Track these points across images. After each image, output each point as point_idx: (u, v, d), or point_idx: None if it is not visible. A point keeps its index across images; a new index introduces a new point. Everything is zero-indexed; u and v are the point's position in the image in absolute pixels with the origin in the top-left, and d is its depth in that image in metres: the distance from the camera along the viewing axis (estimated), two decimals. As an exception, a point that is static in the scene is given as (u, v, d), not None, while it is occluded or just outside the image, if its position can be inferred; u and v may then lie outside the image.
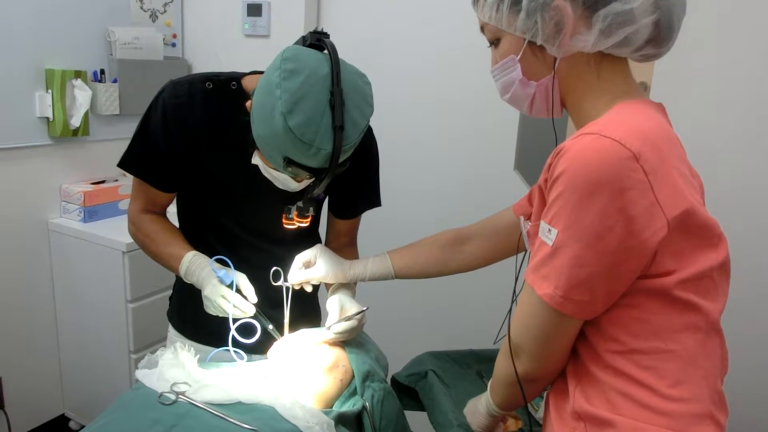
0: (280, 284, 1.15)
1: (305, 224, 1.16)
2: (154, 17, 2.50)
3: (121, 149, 1.19)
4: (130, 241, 2.02)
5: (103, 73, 2.28)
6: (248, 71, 1.18)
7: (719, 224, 0.78)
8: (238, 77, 1.16)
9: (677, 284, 0.74)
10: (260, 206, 1.21)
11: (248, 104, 1.02)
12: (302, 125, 0.90)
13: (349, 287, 1.24)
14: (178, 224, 1.30)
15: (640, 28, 0.77)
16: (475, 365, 1.36)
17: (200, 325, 1.27)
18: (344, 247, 1.35)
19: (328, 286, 1.26)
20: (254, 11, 2.35)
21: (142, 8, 2.45)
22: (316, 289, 1.25)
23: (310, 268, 1.18)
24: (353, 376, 1.12)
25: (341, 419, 1.01)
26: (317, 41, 0.99)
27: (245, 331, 1.11)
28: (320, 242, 1.34)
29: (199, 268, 1.14)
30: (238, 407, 0.98)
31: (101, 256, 2.13)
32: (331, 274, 1.18)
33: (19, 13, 2.02)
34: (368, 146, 1.24)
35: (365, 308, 1.15)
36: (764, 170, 1.63)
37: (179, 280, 1.29)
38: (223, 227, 1.24)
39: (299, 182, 1.06)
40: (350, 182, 1.23)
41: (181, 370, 1.06)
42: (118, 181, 2.39)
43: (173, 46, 2.56)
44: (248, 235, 1.24)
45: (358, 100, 0.96)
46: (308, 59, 0.94)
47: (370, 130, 1.23)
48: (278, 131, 0.91)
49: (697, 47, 1.60)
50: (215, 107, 1.13)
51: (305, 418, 0.95)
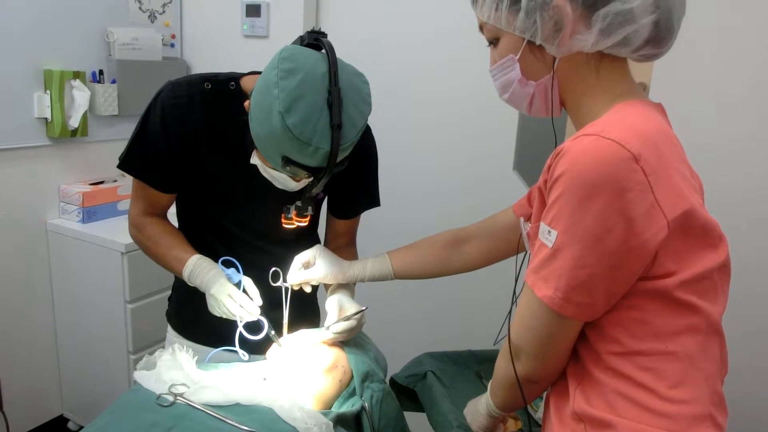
0: (279, 285, 1.15)
1: (304, 224, 1.16)
2: (152, 18, 2.50)
3: (119, 150, 1.18)
4: (128, 241, 2.02)
5: (101, 73, 2.27)
6: (247, 72, 1.18)
7: (719, 225, 0.77)
8: (236, 78, 1.15)
9: (678, 285, 0.73)
10: (259, 206, 1.20)
11: (247, 104, 1.02)
12: (300, 124, 0.90)
13: (348, 287, 1.24)
14: (177, 225, 1.29)
15: (639, 27, 0.77)
16: (474, 366, 1.35)
17: (199, 325, 1.28)
18: (343, 247, 1.35)
19: (327, 286, 1.25)
20: (253, 12, 2.34)
21: (140, 9, 2.45)
22: (315, 289, 1.25)
23: (309, 268, 1.18)
24: (352, 376, 1.12)
25: (340, 420, 1.01)
26: (315, 41, 1.00)
27: (250, 329, 1.11)
28: (319, 243, 1.34)
29: (204, 270, 1.14)
30: (236, 409, 0.97)
31: (100, 256, 2.13)
32: (330, 274, 1.17)
33: (17, 13, 2.01)
34: (367, 146, 1.24)
35: (364, 308, 1.15)
36: (764, 170, 1.62)
37: (178, 280, 1.29)
38: (222, 227, 1.24)
39: (298, 182, 1.06)
40: (349, 182, 1.23)
41: (179, 371, 1.06)
42: (116, 181, 2.39)
43: (172, 46, 2.55)
44: (247, 235, 1.24)
45: (356, 99, 0.96)
46: (306, 58, 0.94)
47: (368, 130, 1.23)
48: (276, 130, 0.91)
49: (696, 47, 1.60)
50: (214, 108, 1.13)
51: (304, 419, 0.95)
